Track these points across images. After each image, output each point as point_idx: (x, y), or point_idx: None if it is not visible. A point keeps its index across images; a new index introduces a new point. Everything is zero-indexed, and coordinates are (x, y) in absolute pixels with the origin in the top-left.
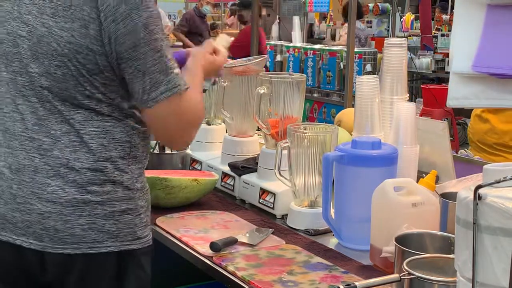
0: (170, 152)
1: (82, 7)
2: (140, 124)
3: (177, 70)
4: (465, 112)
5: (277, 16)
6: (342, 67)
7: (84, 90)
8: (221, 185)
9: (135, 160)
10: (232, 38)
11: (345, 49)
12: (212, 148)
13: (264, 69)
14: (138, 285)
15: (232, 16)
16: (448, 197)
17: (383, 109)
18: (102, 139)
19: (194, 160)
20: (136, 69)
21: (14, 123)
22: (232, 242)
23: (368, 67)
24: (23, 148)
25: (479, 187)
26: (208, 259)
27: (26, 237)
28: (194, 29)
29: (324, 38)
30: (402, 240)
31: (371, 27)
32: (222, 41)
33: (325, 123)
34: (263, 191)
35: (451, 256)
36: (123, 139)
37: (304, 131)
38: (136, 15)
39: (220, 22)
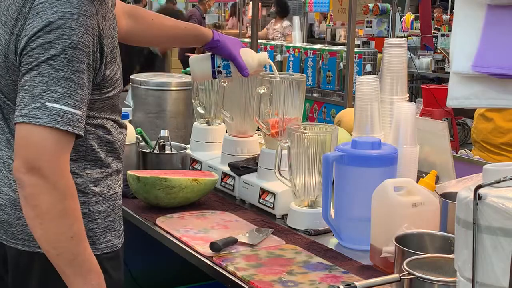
0: (169, 152)
1: (17, 22)
2: (99, 129)
3: (57, 106)
4: (465, 112)
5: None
6: (342, 67)
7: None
8: (221, 185)
9: (94, 165)
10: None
11: (345, 49)
12: (212, 148)
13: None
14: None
15: (231, 17)
16: (448, 197)
17: (383, 109)
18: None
19: (194, 160)
20: (20, 82)
21: None
22: (232, 242)
23: (368, 67)
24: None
25: (479, 187)
26: (208, 259)
27: None
28: None
29: (324, 38)
30: (402, 240)
31: (371, 27)
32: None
33: (325, 123)
34: (263, 191)
35: (451, 256)
36: (75, 142)
37: (304, 131)
38: (44, 31)
39: (221, 22)
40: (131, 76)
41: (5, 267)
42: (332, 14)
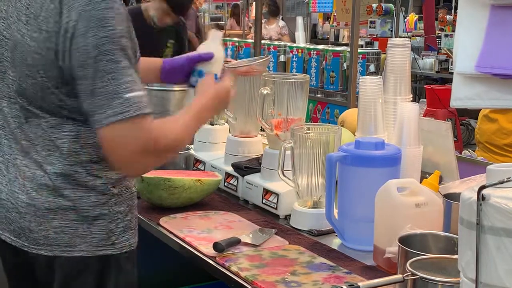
0: None
1: (48, 19)
2: None
3: (132, 95)
4: (469, 113)
5: (281, 17)
6: (345, 67)
7: (56, 99)
8: (224, 185)
9: (107, 167)
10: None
11: (349, 49)
12: (215, 149)
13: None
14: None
15: (230, 18)
16: (451, 198)
17: (387, 110)
18: (73, 143)
19: (197, 161)
20: (84, 89)
21: (2, 122)
22: (235, 242)
23: (372, 68)
24: (11, 146)
25: (482, 187)
26: (211, 260)
27: (9, 233)
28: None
29: (327, 38)
30: (405, 240)
31: (374, 27)
32: (215, 38)
33: (329, 123)
34: (266, 192)
35: (455, 256)
36: (97, 144)
37: (308, 131)
38: (91, 33)
39: (223, 22)
40: None
41: (27, 273)
42: (335, 14)
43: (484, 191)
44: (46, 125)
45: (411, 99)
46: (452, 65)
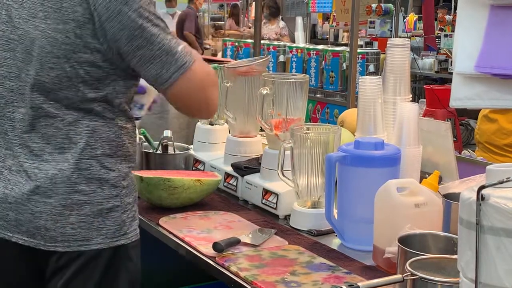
0: (173, 152)
1: (74, 8)
2: (129, 124)
3: (181, 47)
4: (468, 113)
5: (280, 17)
6: (345, 67)
7: (78, 91)
8: (224, 185)
9: (124, 159)
10: None
11: (348, 49)
12: (215, 149)
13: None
14: (129, 278)
15: (229, 18)
16: (451, 198)
17: (386, 110)
18: (89, 138)
19: (197, 161)
20: (141, 59)
21: (7, 127)
22: (235, 242)
23: (371, 68)
24: (17, 151)
25: (482, 187)
26: (211, 260)
27: (20, 235)
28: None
29: (327, 39)
30: (405, 240)
31: (374, 27)
32: None
33: (328, 123)
34: (266, 192)
35: (454, 256)
36: (111, 138)
37: (307, 131)
38: (127, 8)
39: (223, 23)
40: None
41: (40, 273)
42: (335, 14)
43: (484, 191)
44: (62, 123)
45: (411, 99)
46: (451, 65)
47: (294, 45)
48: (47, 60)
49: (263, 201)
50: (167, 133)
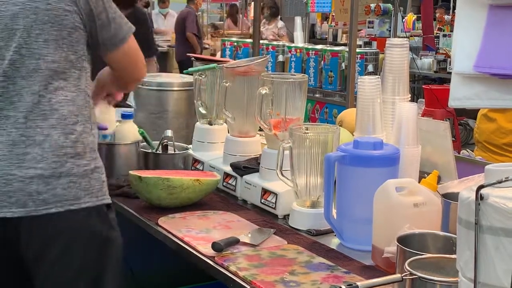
0: (172, 152)
1: None
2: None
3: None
4: (467, 113)
5: (279, 17)
6: (344, 67)
7: (62, 52)
8: (223, 185)
9: (94, 125)
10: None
11: (347, 49)
12: (214, 148)
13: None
14: (116, 236)
15: (227, 18)
16: (450, 198)
17: (385, 110)
18: (70, 106)
19: (196, 160)
20: (104, 20)
21: None
22: (234, 242)
23: (370, 68)
24: (3, 122)
25: (481, 187)
26: (210, 259)
27: (8, 208)
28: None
29: (326, 38)
30: (404, 240)
31: (373, 27)
32: (109, 112)
33: (327, 123)
34: (265, 191)
35: (453, 256)
36: (84, 106)
37: (306, 131)
38: None
39: (222, 23)
40: None
41: (32, 242)
42: (334, 14)
43: (483, 191)
44: (45, 92)
45: (410, 99)
46: (450, 65)
47: (293, 45)
48: (32, 28)
49: (262, 201)
50: (168, 132)
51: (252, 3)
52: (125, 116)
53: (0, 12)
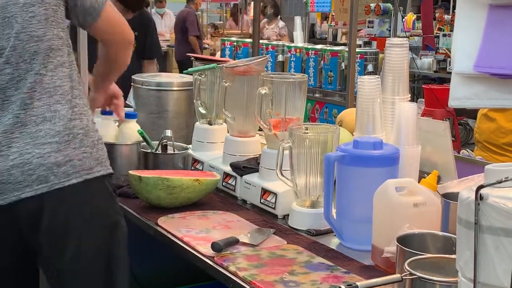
0: (171, 152)
1: None
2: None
3: None
4: (467, 112)
5: (279, 16)
6: (343, 67)
7: (54, 30)
8: (222, 185)
9: (88, 105)
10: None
11: (347, 49)
12: (213, 148)
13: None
14: (118, 205)
15: (229, 18)
16: (449, 197)
17: (385, 110)
18: (69, 81)
19: (195, 160)
20: None
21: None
22: (233, 242)
23: (370, 67)
24: (5, 110)
25: (481, 187)
26: (210, 259)
27: (30, 187)
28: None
29: (325, 38)
30: (403, 240)
31: (372, 27)
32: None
33: (327, 123)
34: (265, 191)
35: (453, 256)
36: (78, 81)
37: (306, 131)
38: None
39: (221, 22)
40: (132, 77)
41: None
42: (333, 14)
43: (482, 191)
44: (45, 70)
45: (409, 98)
46: (450, 65)
47: (292, 44)
48: (25, 11)
49: (261, 201)
50: (168, 132)
51: (252, 3)
52: (128, 116)
53: None
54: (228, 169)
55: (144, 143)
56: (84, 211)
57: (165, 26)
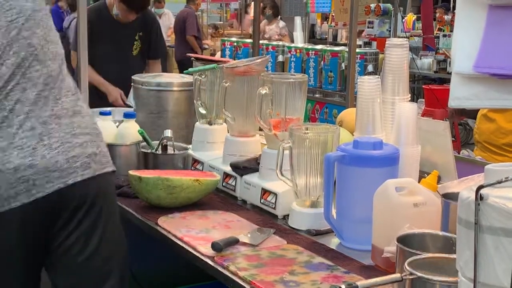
0: (172, 152)
1: None
2: None
3: None
4: (467, 113)
5: (279, 17)
6: (343, 67)
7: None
8: (222, 185)
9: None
10: None
11: (347, 49)
12: (213, 148)
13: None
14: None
15: (234, 19)
16: (449, 198)
17: (385, 110)
18: (74, 83)
19: (195, 161)
20: None
21: (25, 90)
22: (233, 242)
23: (370, 68)
24: (39, 105)
25: (480, 187)
26: (210, 259)
27: (75, 174)
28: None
29: (325, 39)
30: (403, 240)
31: (373, 27)
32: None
33: (327, 123)
34: (265, 191)
35: (453, 256)
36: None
37: (306, 131)
38: None
39: (221, 22)
40: (132, 77)
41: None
42: (333, 14)
43: (482, 191)
44: (64, 74)
45: (409, 99)
46: (450, 65)
47: (292, 45)
48: (44, 16)
49: (261, 201)
50: (168, 132)
51: (252, 3)
52: (127, 116)
53: (20, 6)
54: (228, 169)
55: (144, 143)
56: (112, 201)
57: (163, 27)
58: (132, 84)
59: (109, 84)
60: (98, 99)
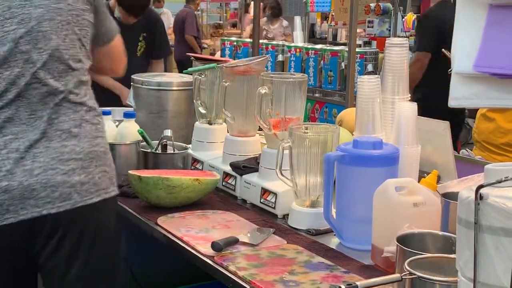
0: (171, 152)
1: None
2: None
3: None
4: (467, 112)
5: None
6: (343, 67)
7: (83, 50)
8: (222, 185)
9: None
10: None
11: (347, 49)
12: (213, 148)
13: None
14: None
15: (231, 18)
16: (449, 197)
17: (385, 109)
18: (90, 99)
19: (195, 160)
20: (104, 13)
21: (18, 109)
22: (233, 242)
23: (370, 67)
24: (31, 125)
25: (480, 187)
26: (209, 259)
27: (51, 204)
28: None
29: (325, 38)
30: (403, 240)
31: (372, 27)
32: None
33: (327, 123)
34: (265, 191)
35: (453, 256)
36: (93, 96)
37: (306, 131)
38: None
39: (221, 22)
40: (132, 76)
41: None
42: (333, 14)
43: (482, 191)
44: (66, 90)
45: (409, 98)
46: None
47: (292, 44)
48: (60, 28)
49: (261, 201)
50: (167, 132)
51: (252, 3)
52: (127, 115)
53: (23, 15)
54: (228, 168)
55: (144, 142)
56: (98, 232)
57: None
58: (131, 83)
59: (122, 86)
60: (103, 98)
